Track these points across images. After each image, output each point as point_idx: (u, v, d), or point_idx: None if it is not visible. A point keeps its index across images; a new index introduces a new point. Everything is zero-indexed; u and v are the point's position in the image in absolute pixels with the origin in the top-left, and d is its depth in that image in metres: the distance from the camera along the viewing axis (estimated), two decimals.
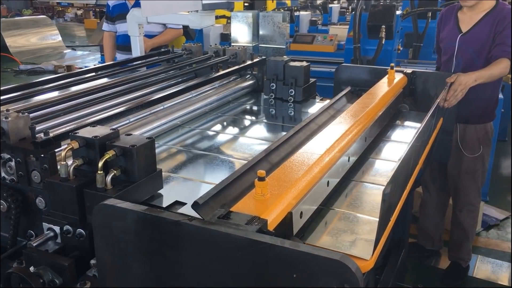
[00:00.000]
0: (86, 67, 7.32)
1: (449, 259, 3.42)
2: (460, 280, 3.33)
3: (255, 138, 2.27)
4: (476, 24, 2.98)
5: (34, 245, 1.39)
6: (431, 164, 3.25)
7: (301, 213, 1.41)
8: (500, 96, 4.04)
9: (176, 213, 1.39)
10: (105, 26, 4.43)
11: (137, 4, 3.85)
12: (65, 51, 12.98)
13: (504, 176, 5.11)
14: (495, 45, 2.89)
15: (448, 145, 3.02)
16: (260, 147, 2.09)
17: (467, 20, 3.03)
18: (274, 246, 1.04)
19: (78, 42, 14.96)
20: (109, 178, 1.36)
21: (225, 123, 2.47)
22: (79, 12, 21.40)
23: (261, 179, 1.29)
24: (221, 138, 2.27)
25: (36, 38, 12.74)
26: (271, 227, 1.21)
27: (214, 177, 1.75)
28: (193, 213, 1.25)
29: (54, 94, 2.23)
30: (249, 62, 3.02)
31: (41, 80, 2.31)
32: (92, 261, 1.33)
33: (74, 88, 2.34)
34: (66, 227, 1.39)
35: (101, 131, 1.47)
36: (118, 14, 4.20)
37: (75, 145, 1.41)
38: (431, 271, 3.45)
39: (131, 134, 1.51)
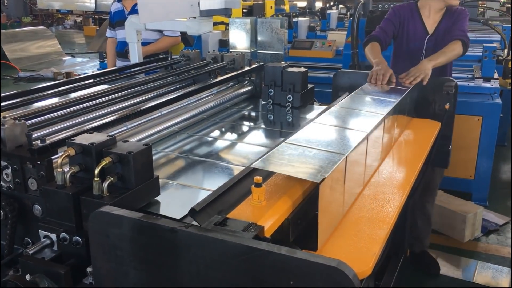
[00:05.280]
0: (85, 74, 7.33)
1: (416, 251, 3.37)
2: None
3: (253, 144, 2.27)
4: (438, 24, 3.07)
5: (30, 252, 1.38)
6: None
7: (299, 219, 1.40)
8: (499, 101, 4.06)
9: (172, 220, 1.39)
10: (108, 32, 4.45)
11: (134, 11, 3.86)
12: (64, 58, 12.99)
13: (503, 181, 5.10)
14: (447, 34, 2.99)
15: (447, 150, 3.01)
16: (258, 153, 2.08)
17: (431, 21, 3.11)
18: (270, 253, 1.03)
19: (77, 49, 14.99)
20: (105, 185, 1.36)
21: (223, 129, 2.47)
22: (79, 19, 21.46)
23: (258, 185, 1.28)
24: (219, 144, 2.26)
25: (35, 47, 12.76)
26: (268, 233, 1.21)
27: (212, 184, 1.73)
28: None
29: (52, 101, 2.22)
30: (247, 68, 3.02)
31: (40, 87, 2.31)
32: (89, 269, 1.32)
33: (72, 95, 2.34)
34: (63, 234, 1.39)
35: (98, 138, 1.46)
36: (118, 20, 4.21)
37: (72, 152, 1.41)
38: (431, 277, 3.43)
39: (128, 141, 1.51)
